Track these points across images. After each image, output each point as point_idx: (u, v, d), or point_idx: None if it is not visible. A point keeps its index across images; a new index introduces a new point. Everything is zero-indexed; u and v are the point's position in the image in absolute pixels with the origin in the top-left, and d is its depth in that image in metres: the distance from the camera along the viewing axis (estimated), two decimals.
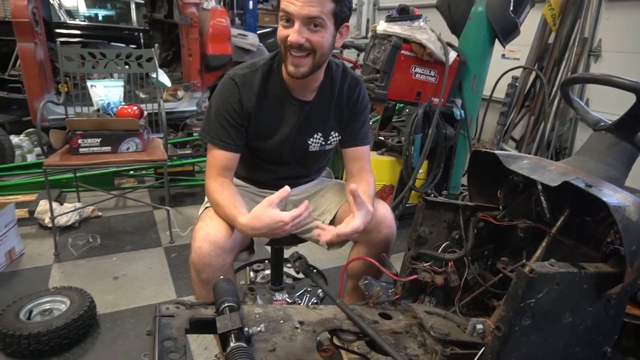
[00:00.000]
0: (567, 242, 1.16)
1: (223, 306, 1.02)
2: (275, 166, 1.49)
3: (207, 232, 1.25)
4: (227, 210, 1.26)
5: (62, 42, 4.80)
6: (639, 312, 1.29)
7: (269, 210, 1.18)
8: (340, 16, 1.22)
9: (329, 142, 1.46)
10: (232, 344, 0.89)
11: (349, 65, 5.54)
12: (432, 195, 2.95)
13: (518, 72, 4.36)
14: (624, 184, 1.12)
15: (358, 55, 5.58)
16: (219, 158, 1.33)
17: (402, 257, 1.34)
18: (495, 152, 1.20)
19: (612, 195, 0.94)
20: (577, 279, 0.95)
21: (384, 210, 1.44)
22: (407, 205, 2.81)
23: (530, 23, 2.95)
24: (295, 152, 1.44)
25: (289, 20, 1.19)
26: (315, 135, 1.43)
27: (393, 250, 2.43)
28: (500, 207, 1.32)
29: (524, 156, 1.18)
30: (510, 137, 4.51)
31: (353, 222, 1.23)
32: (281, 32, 1.21)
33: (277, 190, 1.53)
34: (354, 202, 1.25)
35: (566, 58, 4.14)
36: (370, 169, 1.48)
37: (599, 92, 4.07)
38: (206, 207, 1.38)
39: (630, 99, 1.06)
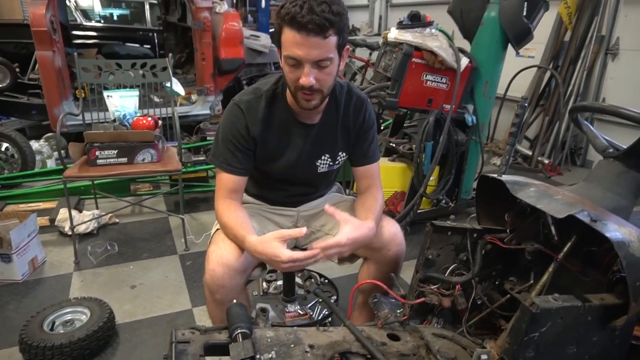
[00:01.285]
0: (574, 269, 1.17)
1: (236, 333, 1.06)
2: (286, 185, 1.52)
3: (220, 255, 1.29)
4: (236, 231, 1.29)
5: (78, 45, 4.96)
6: None
7: (274, 242, 1.20)
8: (342, 44, 1.22)
9: (337, 162, 1.49)
10: None
11: (360, 64, 5.56)
12: (444, 201, 2.97)
13: (533, 72, 4.31)
14: (631, 213, 1.12)
15: (370, 54, 5.56)
16: (227, 181, 1.37)
17: (414, 265, 1.35)
18: (503, 178, 1.21)
19: (616, 230, 0.95)
20: (581, 312, 0.96)
21: (394, 229, 1.46)
22: (418, 211, 2.82)
23: (546, 21, 2.90)
24: (304, 173, 1.47)
25: (298, 63, 1.19)
26: (323, 157, 1.45)
27: (406, 257, 2.46)
28: (508, 230, 1.33)
29: (531, 183, 1.19)
30: (525, 137, 4.48)
31: (337, 236, 1.24)
32: (290, 74, 1.21)
33: (288, 207, 1.58)
34: (336, 219, 1.28)
35: (582, 57, 4.09)
36: (380, 185, 1.50)
37: (616, 91, 4.00)
38: (217, 229, 1.42)
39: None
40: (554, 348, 0.98)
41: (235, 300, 1.28)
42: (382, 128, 3.56)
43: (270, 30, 6.18)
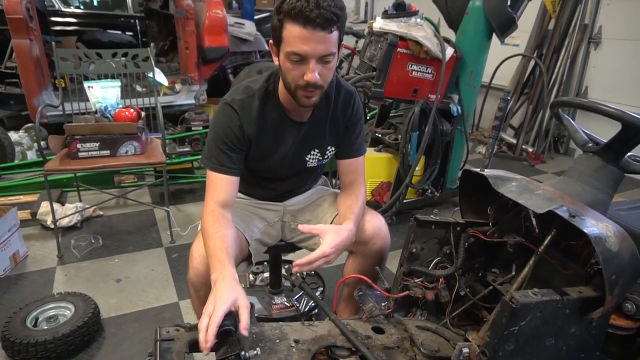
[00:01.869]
0: (554, 262, 1.19)
1: (220, 330, 1.06)
2: (274, 183, 1.51)
3: (204, 253, 1.29)
4: (214, 251, 1.18)
5: (57, 32, 4.82)
6: (623, 322, 1.34)
7: (229, 301, 1.06)
8: (341, 39, 1.20)
9: (325, 156, 1.48)
10: None
11: (347, 52, 5.52)
12: (430, 191, 2.99)
13: (517, 60, 4.34)
14: (609, 207, 1.14)
15: (356, 41, 5.52)
16: (220, 184, 1.31)
17: (400, 255, 1.37)
18: (485, 173, 1.22)
19: (594, 226, 0.97)
20: (559, 305, 0.99)
21: (378, 223, 1.47)
22: (404, 201, 2.84)
23: (530, 9, 2.91)
24: (293, 168, 1.46)
25: (302, 59, 1.15)
26: (312, 152, 1.45)
27: (392, 247, 2.48)
28: (490, 224, 1.35)
29: (513, 178, 1.21)
30: (509, 125, 4.52)
31: (320, 247, 1.24)
32: (293, 71, 1.17)
33: (276, 203, 1.57)
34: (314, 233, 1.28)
35: (566, 45, 4.12)
36: (363, 182, 1.50)
37: (598, 80, 4.05)
38: None
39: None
40: (533, 341, 1.00)
41: None
42: (367, 118, 3.56)
43: (256, 17, 6.08)
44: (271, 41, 1.23)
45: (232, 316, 1.07)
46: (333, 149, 1.48)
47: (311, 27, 1.09)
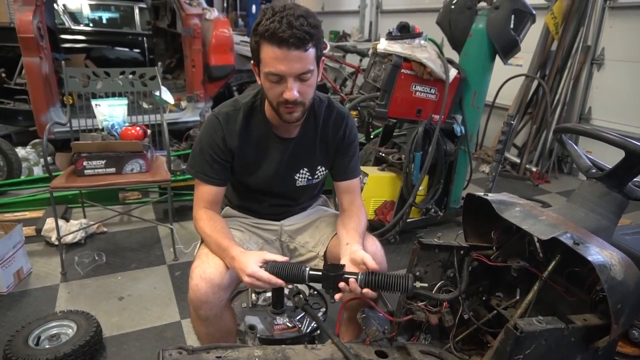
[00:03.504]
0: (558, 288, 1.19)
1: None
2: (267, 197, 1.52)
3: (203, 270, 1.29)
4: (220, 240, 1.31)
5: (67, 49, 4.91)
6: (630, 350, 1.32)
7: (254, 256, 1.24)
8: (320, 56, 1.23)
9: (316, 176, 1.49)
10: None
11: (351, 70, 5.58)
12: (433, 210, 2.99)
13: (521, 80, 4.37)
14: (613, 233, 1.14)
15: (360, 60, 5.59)
16: (205, 192, 1.39)
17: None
18: (489, 197, 1.23)
19: (598, 254, 0.97)
20: (564, 333, 0.98)
21: (374, 248, 1.45)
22: (407, 220, 2.84)
23: (533, 30, 2.95)
24: (282, 187, 1.48)
25: (280, 79, 1.19)
26: (301, 171, 1.46)
27: (395, 267, 2.45)
28: (494, 247, 1.35)
29: (517, 202, 1.21)
30: (513, 144, 4.53)
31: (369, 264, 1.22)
32: (272, 90, 1.21)
33: (271, 220, 1.57)
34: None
35: (569, 66, 4.15)
36: (361, 202, 1.51)
37: (601, 101, 4.07)
38: (202, 243, 1.42)
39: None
40: None
41: (217, 321, 1.29)
42: (371, 137, 3.58)
43: None
44: (252, 62, 1.26)
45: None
46: (324, 169, 1.49)
47: (285, 47, 1.13)
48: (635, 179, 1.14)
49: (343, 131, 1.45)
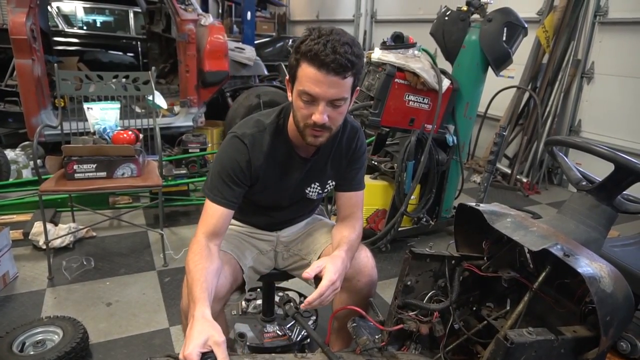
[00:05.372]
0: (548, 299, 1.19)
1: None
2: (273, 211, 1.51)
3: None
4: (194, 288, 1.15)
5: (60, 52, 4.88)
6: None
7: (204, 337, 1.03)
8: (356, 85, 1.22)
9: (325, 189, 1.48)
10: None
11: None
12: (425, 219, 3.00)
13: (513, 91, 4.43)
14: (602, 245, 1.15)
15: None
16: (216, 215, 1.30)
17: (395, 283, 1.35)
18: (480, 208, 1.23)
19: (588, 266, 0.97)
20: (554, 345, 0.99)
21: (365, 259, 1.45)
22: (399, 229, 2.84)
23: (525, 43, 2.99)
24: (292, 200, 1.47)
25: (313, 100, 1.16)
26: (313, 185, 1.45)
27: (386, 275, 2.45)
28: (485, 258, 1.35)
29: (508, 213, 1.22)
30: (504, 155, 4.57)
31: (325, 277, 1.23)
32: (304, 110, 1.19)
33: (270, 233, 1.57)
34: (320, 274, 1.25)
35: (559, 79, 4.21)
36: (361, 216, 1.49)
37: (591, 113, 4.13)
38: None
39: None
40: None
41: None
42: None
43: (256, 42, 6.19)
44: (287, 77, 1.25)
45: (212, 355, 1.04)
46: (333, 183, 1.48)
47: (325, 71, 1.12)
48: (624, 192, 1.16)
49: (355, 145, 1.44)
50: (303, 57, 1.14)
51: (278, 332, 1.91)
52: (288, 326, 1.94)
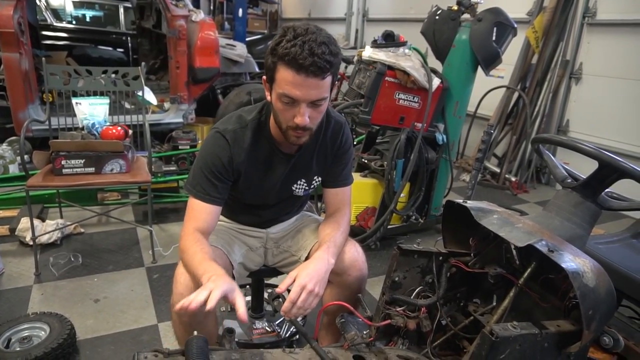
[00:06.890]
0: (533, 295, 1.21)
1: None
2: (260, 209, 1.51)
3: (188, 279, 1.27)
4: (202, 264, 1.18)
5: (48, 46, 4.82)
6: (601, 356, 1.36)
7: (230, 284, 1.11)
8: (334, 81, 1.21)
9: (312, 186, 1.49)
10: None
11: None
12: (414, 217, 3.02)
13: (502, 91, 4.47)
14: (586, 242, 1.17)
15: (346, 67, 5.62)
16: (202, 212, 1.30)
17: (383, 280, 1.36)
18: (468, 204, 1.25)
19: (572, 261, 0.99)
20: (538, 339, 1.00)
21: (355, 254, 1.45)
22: (388, 227, 2.85)
23: (514, 43, 3.02)
24: (279, 197, 1.47)
25: (293, 102, 1.16)
26: (299, 182, 1.45)
27: (375, 272, 2.46)
28: (472, 254, 1.37)
29: (494, 210, 1.23)
30: (493, 154, 4.61)
31: (295, 284, 1.22)
32: (285, 112, 1.18)
33: (259, 230, 1.57)
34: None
35: (548, 79, 4.26)
36: (349, 212, 1.50)
37: (579, 113, 4.19)
38: None
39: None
40: None
41: (199, 326, 1.27)
42: (355, 144, 3.60)
43: (247, 40, 6.18)
44: (264, 77, 1.23)
45: (205, 354, 1.05)
46: (319, 178, 1.48)
47: (304, 74, 1.10)
48: (608, 190, 1.18)
49: (340, 140, 1.43)
50: (280, 60, 1.12)
51: (267, 328, 1.91)
52: (277, 323, 1.94)
